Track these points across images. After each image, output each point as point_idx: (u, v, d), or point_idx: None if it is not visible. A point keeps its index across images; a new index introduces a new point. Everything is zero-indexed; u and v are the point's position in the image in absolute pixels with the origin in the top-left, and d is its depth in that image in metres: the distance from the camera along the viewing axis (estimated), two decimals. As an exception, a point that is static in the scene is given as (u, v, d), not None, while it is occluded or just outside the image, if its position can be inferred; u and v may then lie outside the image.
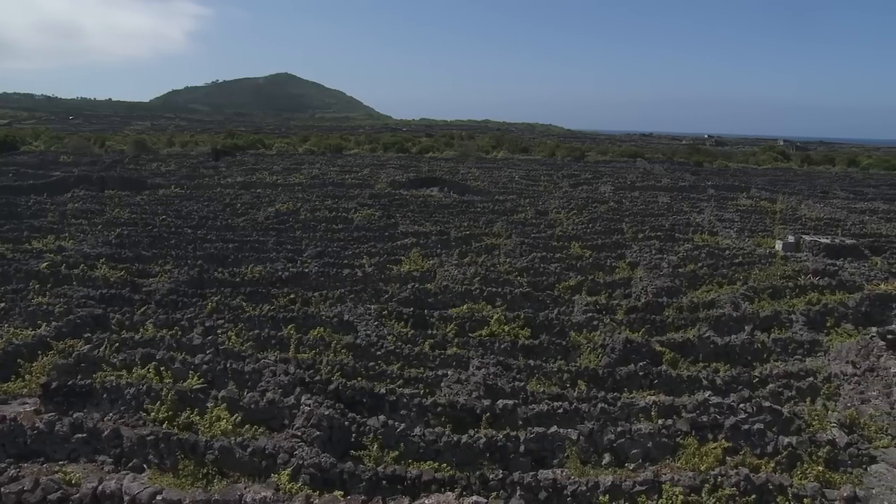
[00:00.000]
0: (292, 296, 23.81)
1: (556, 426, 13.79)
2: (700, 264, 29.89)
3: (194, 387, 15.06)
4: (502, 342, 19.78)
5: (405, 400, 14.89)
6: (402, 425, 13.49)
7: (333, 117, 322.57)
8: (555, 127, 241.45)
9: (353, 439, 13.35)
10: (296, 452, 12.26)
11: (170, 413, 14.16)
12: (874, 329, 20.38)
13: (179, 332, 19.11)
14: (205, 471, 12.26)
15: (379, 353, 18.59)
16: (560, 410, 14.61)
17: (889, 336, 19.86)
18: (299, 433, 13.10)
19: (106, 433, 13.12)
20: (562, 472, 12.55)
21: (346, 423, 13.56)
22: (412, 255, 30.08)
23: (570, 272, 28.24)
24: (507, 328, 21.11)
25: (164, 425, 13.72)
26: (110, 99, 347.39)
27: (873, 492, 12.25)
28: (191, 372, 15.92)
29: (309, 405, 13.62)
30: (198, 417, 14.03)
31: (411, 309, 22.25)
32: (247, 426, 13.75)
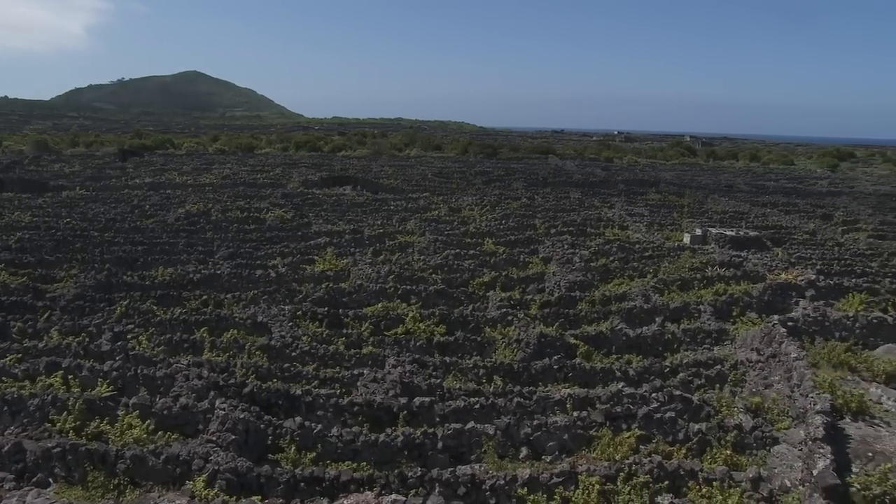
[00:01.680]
0: (204, 298, 23.36)
1: (473, 422, 13.90)
2: (611, 258, 30.45)
3: (103, 395, 14.59)
4: (418, 340, 19.81)
5: (321, 400, 14.78)
6: (319, 426, 13.40)
7: (244, 116, 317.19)
8: (467, 124, 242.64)
9: (269, 442, 13.18)
10: (211, 458, 12.04)
11: (77, 423, 13.63)
12: (776, 317, 21.17)
13: (87, 339, 18.47)
14: (116, 481, 11.89)
15: (294, 353, 18.41)
16: (476, 406, 14.72)
17: (789, 323, 20.65)
18: (214, 438, 12.87)
19: (6, 448, 12.58)
20: (480, 466, 12.66)
21: (262, 425, 13.38)
22: (326, 254, 29.85)
23: (484, 268, 28.44)
24: (422, 326, 21.16)
25: (72, 436, 13.24)
26: (6, 96, 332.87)
27: (776, 471, 12.80)
28: (100, 379, 15.40)
29: (224, 409, 13.39)
30: (108, 426, 13.58)
31: (326, 309, 22.10)
32: (160, 433, 13.38)
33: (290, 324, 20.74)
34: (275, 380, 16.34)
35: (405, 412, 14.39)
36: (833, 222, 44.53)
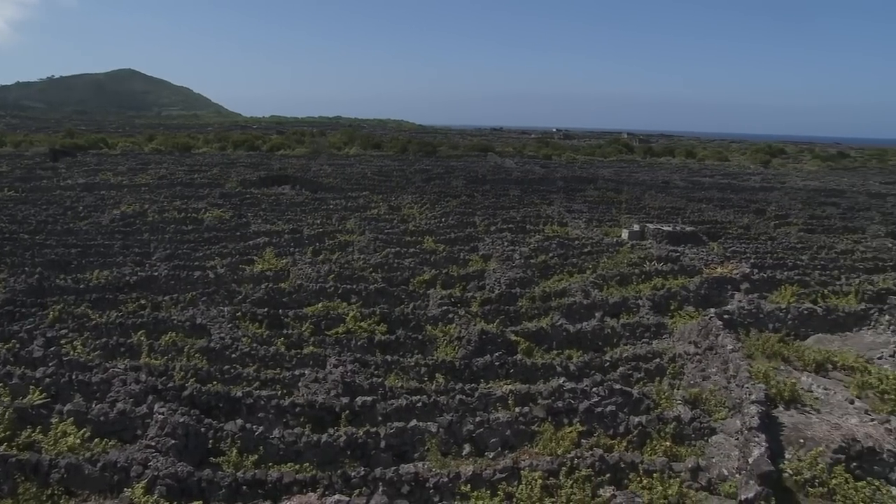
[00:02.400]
0: (141, 301, 22.94)
1: (415, 420, 13.91)
2: (551, 254, 30.72)
3: (36, 402, 14.19)
4: (359, 339, 19.75)
5: (262, 402, 14.65)
6: (261, 428, 13.29)
7: (181, 115, 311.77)
8: (406, 122, 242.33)
9: (210, 446, 13.02)
10: (150, 464, 11.84)
11: (8, 433, 13.18)
12: (712, 310, 21.64)
13: (17, 345, 17.99)
14: (49, 492, 11.55)
15: (234, 355, 18.21)
16: (419, 404, 14.75)
17: (725, 316, 21.10)
18: (153, 443, 12.65)
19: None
20: (423, 465, 12.69)
21: (203, 429, 13.22)
22: (265, 254, 29.59)
23: (425, 266, 28.47)
24: (363, 325, 21.10)
25: (2, 447, 12.77)
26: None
27: (713, 460, 13.11)
28: (31, 387, 15.01)
29: (162, 413, 13.18)
30: (41, 435, 13.19)
31: (266, 309, 21.89)
32: (96, 440, 13.08)
33: (230, 325, 20.50)
34: (215, 382, 16.13)
35: (347, 412, 14.35)
36: (766, 217, 45.60)
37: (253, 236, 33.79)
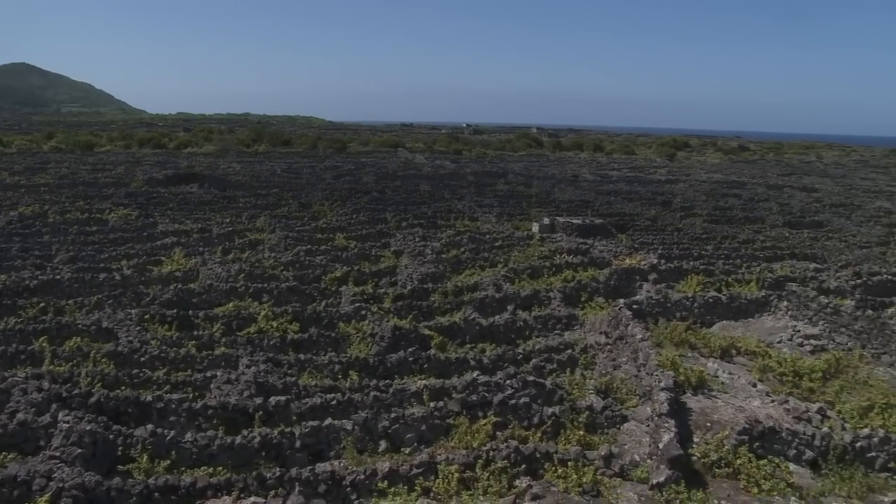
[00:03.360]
0: (43, 305, 22.13)
1: (330, 418, 13.81)
2: (462, 249, 30.90)
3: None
4: (271, 338, 19.52)
5: (174, 405, 14.34)
6: (172, 432, 12.99)
7: (82, 112, 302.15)
8: (316, 119, 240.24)
9: (119, 453, 12.66)
10: (55, 475, 11.42)
11: None
12: (622, 300, 22.09)
13: None
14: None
15: (143, 359, 17.76)
16: (333, 402, 14.65)
17: (634, 306, 21.58)
18: (58, 454, 12.21)
19: None
20: (339, 463, 12.60)
21: (111, 436, 12.83)
22: (174, 254, 28.95)
23: (336, 263, 28.32)
24: (275, 324, 20.87)
25: None
26: None
27: (626, 447, 13.46)
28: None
29: (67, 422, 12.75)
30: (-67, 452, 12.64)
31: (175, 311, 21.42)
32: (-6, 454, 12.60)
33: (138, 328, 19.99)
34: (123, 387, 15.70)
35: (261, 412, 14.15)
36: (672, 209, 46.78)
37: (161, 236, 33.03)
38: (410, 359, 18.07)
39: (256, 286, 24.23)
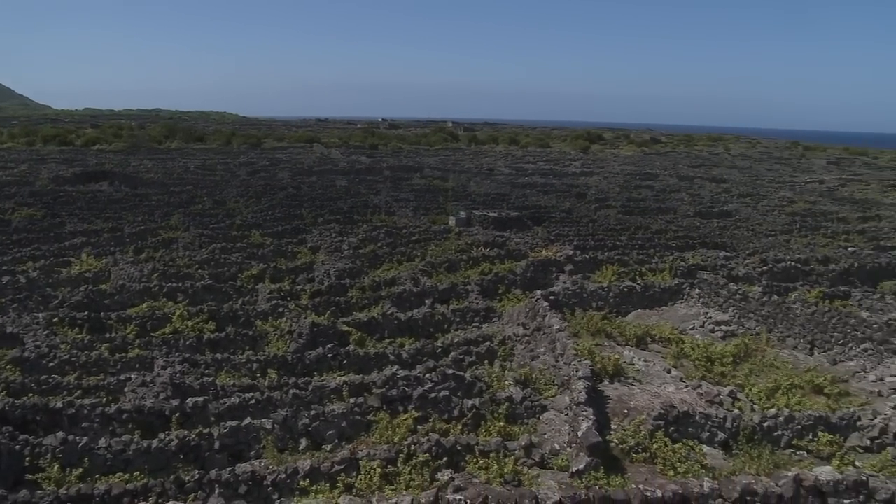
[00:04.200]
0: (-59, 311, 21.28)
1: (249, 418, 13.64)
2: (379, 244, 30.88)
3: None
4: (187, 338, 19.15)
5: (86, 411, 13.93)
6: (85, 439, 12.62)
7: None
8: (230, 114, 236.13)
9: (27, 463, 12.24)
10: (-44, 490, 11.01)
11: None
12: (538, 292, 22.36)
13: None
14: None
15: (52, 364, 17.19)
16: (252, 401, 14.47)
17: (551, 297, 21.87)
18: (-40, 466, 11.77)
19: None
20: (260, 463, 12.48)
21: (18, 446, 12.38)
22: (83, 255, 28.12)
23: (252, 261, 27.98)
24: (190, 323, 20.50)
25: None
26: None
27: (546, 436, 13.68)
28: None
29: (-32, 433, 12.28)
30: None
31: (86, 313, 20.81)
32: None
33: (46, 332, 19.31)
34: (31, 394, 15.15)
35: (178, 414, 13.88)
36: (587, 201, 47.56)
37: (69, 236, 32.01)
38: (329, 355, 17.97)
39: (171, 286, 23.75)
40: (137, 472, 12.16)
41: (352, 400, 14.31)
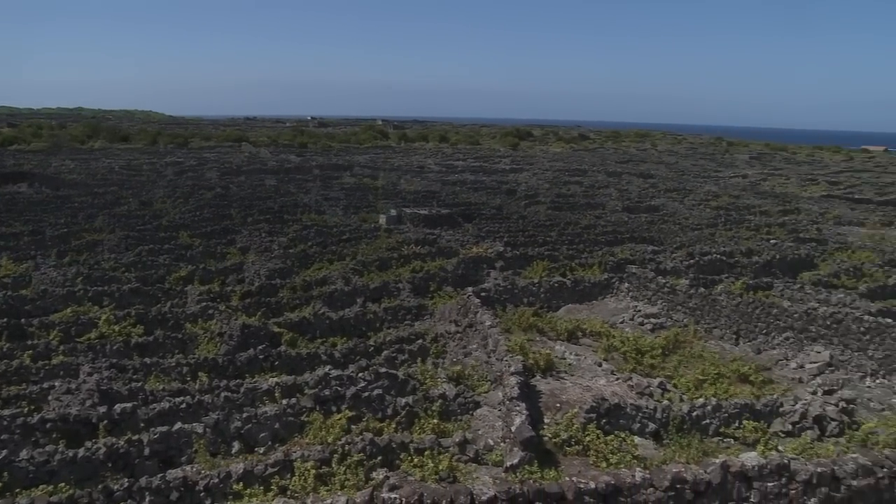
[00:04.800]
0: None
1: (180, 422, 13.40)
2: (310, 243, 30.68)
3: None
4: (114, 343, 18.73)
5: (6, 422, 13.48)
6: (5, 451, 12.21)
7: None
8: (155, 113, 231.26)
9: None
10: None
11: None
12: (470, 289, 22.50)
13: None
14: None
15: (-31, 373, 16.67)
16: (183, 405, 14.21)
17: (483, 293, 22.00)
18: None
19: None
20: (191, 468, 12.25)
21: (-68, 460, 11.95)
22: (1, 260, 27.25)
23: (181, 262, 27.52)
24: (117, 328, 20.05)
25: None
26: None
27: (480, 432, 13.76)
28: None
29: None
30: None
31: (5, 319, 20.16)
32: None
33: (-39, 341, 18.70)
34: (-54, 406, 14.67)
35: (106, 422, 13.55)
36: (516, 197, 47.89)
37: (-15, 241, 31.00)
38: (261, 356, 17.80)
39: (96, 289, 23.19)
40: (63, 484, 11.83)
41: (284, 401, 14.18)
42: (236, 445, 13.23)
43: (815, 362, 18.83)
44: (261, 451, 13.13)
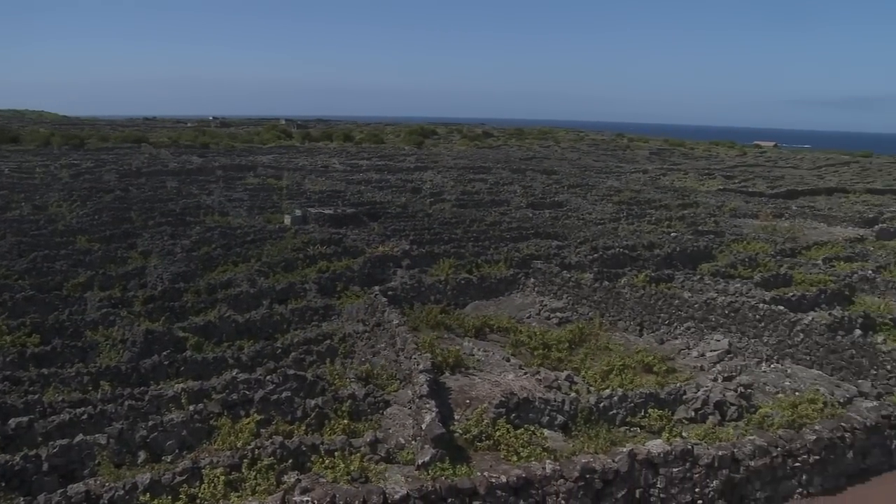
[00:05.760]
0: None
1: (81, 434, 13.00)
2: (214, 245, 30.16)
3: None
4: (7, 354, 18.04)
5: None
6: None
7: None
8: (47, 113, 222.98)
9: None
10: None
11: None
12: (377, 288, 22.54)
13: None
14: None
15: None
16: (84, 416, 13.80)
17: (389, 292, 22.05)
18: None
19: None
20: (95, 481, 11.89)
21: None
22: None
23: (79, 268, 26.67)
24: (10, 338, 19.32)
25: None
26: None
27: (390, 431, 13.84)
28: None
29: None
30: None
31: None
32: None
33: None
34: None
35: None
36: (421, 195, 47.97)
37: None
38: (166, 362, 17.43)
39: (-13, 298, 22.31)
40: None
41: (191, 407, 13.93)
42: (142, 455, 12.92)
43: (714, 350, 19.51)
44: (168, 460, 12.86)
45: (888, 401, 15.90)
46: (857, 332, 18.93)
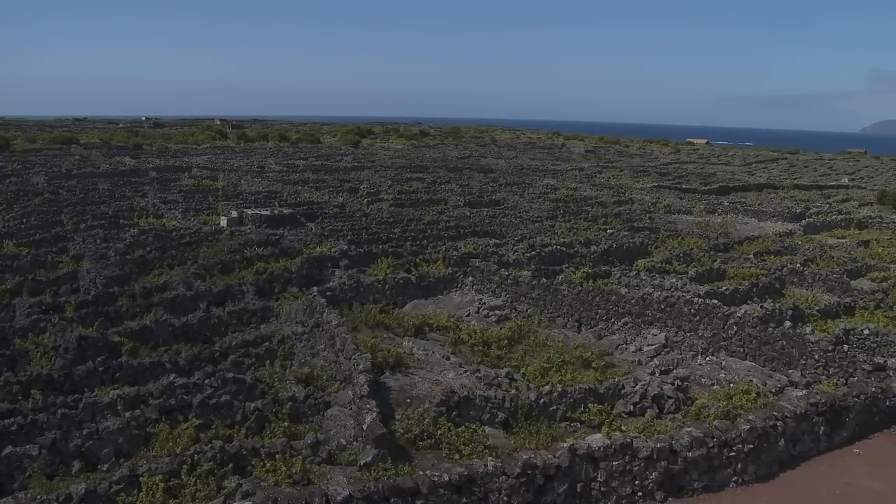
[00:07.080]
0: None
1: (10, 445, 12.67)
2: (148, 248, 29.62)
3: None
4: (-70, 365, 17.50)
5: None
6: None
7: None
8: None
9: None
10: None
11: None
12: (315, 288, 22.46)
13: None
14: None
15: None
16: (14, 427, 13.41)
17: (328, 293, 22.00)
18: None
19: None
20: (25, 494, 11.58)
21: None
22: None
23: (6, 274, 25.95)
24: (-67, 348, 18.73)
25: None
26: None
27: (332, 433, 13.85)
28: None
29: None
30: None
31: None
32: None
33: None
34: None
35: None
36: (359, 195, 47.79)
37: None
38: (100, 369, 17.07)
39: None
40: None
41: (128, 414, 13.71)
42: (77, 465, 12.65)
43: (651, 344, 19.87)
44: (104, 469, 12.62)
45: (816, 389, 16.47)
46: (787, 323, 19.47)
